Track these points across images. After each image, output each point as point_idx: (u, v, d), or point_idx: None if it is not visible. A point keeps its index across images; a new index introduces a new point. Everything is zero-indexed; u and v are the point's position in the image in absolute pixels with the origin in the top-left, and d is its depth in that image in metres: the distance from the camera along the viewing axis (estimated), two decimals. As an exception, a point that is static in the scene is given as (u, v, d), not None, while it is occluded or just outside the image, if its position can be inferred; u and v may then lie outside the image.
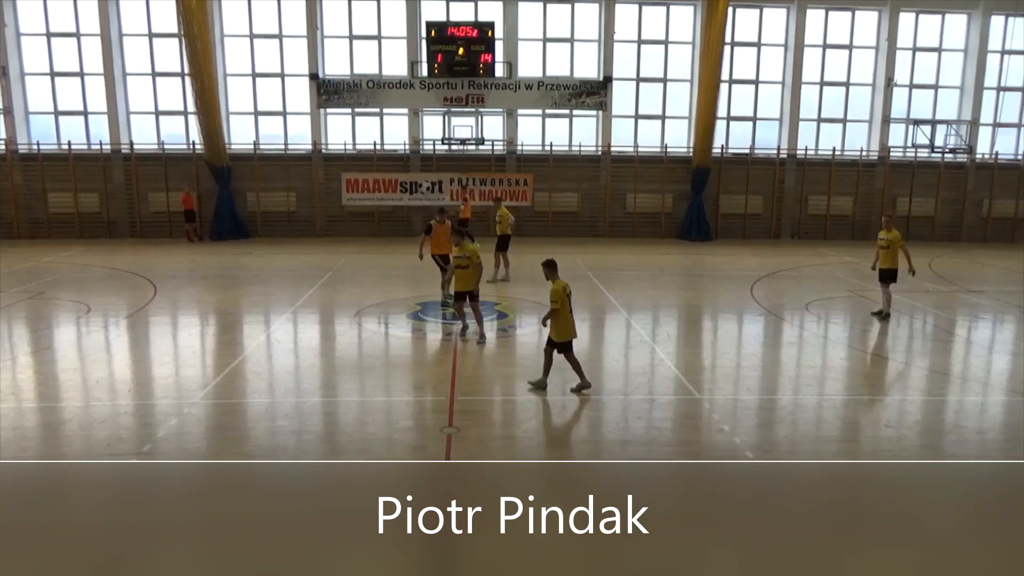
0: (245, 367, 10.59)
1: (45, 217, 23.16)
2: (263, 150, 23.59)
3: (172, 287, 15.92)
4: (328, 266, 18.29)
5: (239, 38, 23.36)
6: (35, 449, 7.83)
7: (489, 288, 15.55)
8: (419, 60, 23.11)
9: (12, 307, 14.17)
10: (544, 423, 8.54)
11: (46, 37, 22.95)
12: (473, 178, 23.36)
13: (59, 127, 23.51)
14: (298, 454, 7.60)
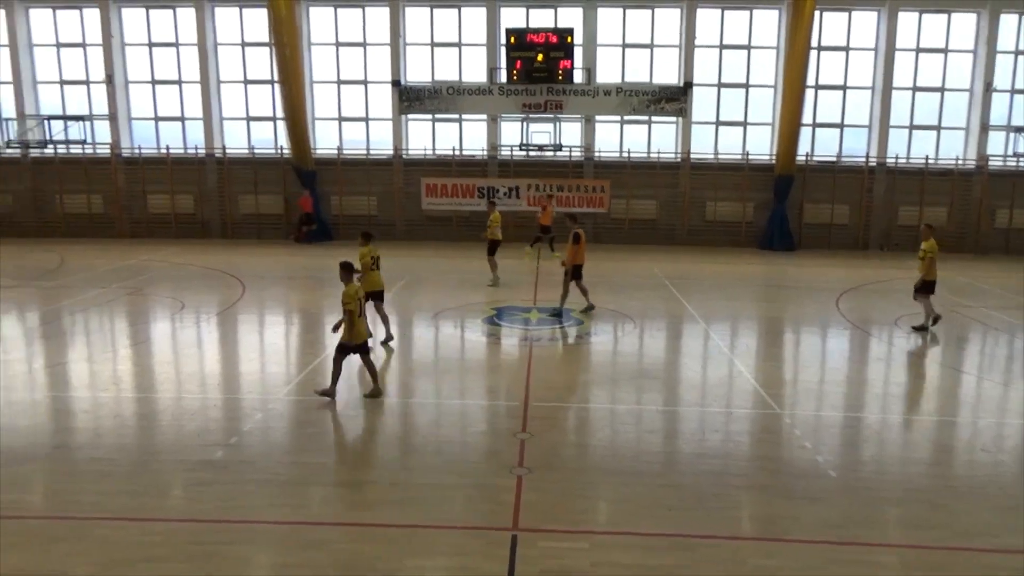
0: (326, 366, 10.89)
1: (144, 217, 24.42)
2: (347, 155, 24.24)
3: (259, 287, 16.53)
4: (407, 269, 18.63)
5: (325, 46, 24.09)
6: (131, 437, 8.27)
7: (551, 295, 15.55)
8: (498, 66, 23.33)
9: (113, 302, 15.01)
10: (618, 432, 8.49)
11: (148, 47, 24.23)
12: (550, 184, 23.42)
13: (159, 132, 24.75)
14: (372, 453, 7.79)
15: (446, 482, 6.96)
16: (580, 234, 13.81)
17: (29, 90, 24.28)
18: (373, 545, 5.84)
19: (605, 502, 6.78)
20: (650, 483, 7.00)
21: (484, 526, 6.15)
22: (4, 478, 7.09)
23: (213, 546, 5.82)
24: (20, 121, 24.01)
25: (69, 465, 7.46)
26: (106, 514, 6.30)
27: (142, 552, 5.72)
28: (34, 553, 5.72)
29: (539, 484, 6.91)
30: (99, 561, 5.63)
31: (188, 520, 6.21)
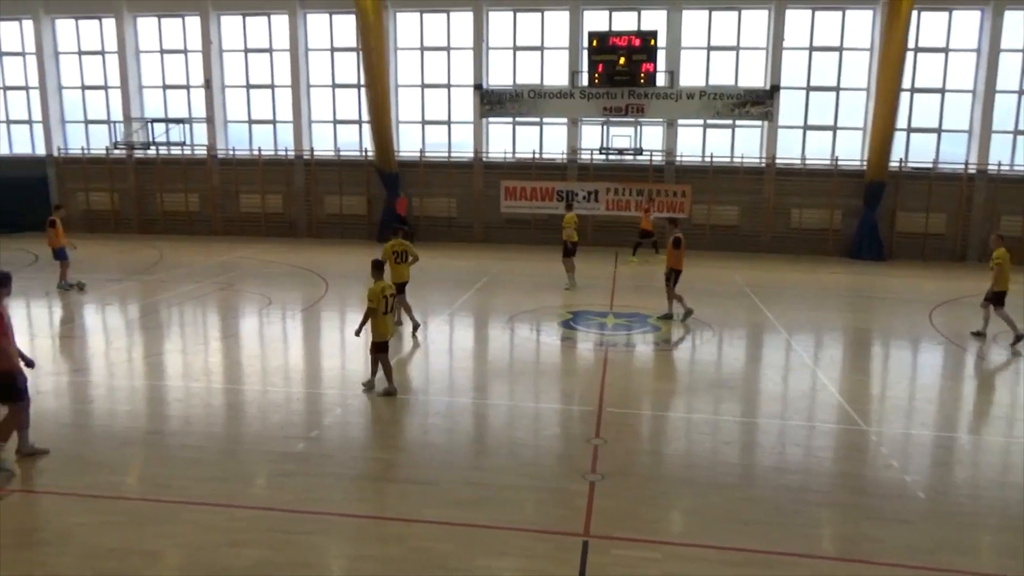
0: (404, 364, 11.14)
1: (236, 215, 25.50)
2: (428, 157, 24.69)
3: (342, 285, 17.00)
4: (484, 271, 18.83)
5: (410, 51, 24.60)
6: (220, 427, 8.65)
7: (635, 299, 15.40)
8: (580, 70, 23.29)
9: (206, 297, 15.73)
10: (694, 442, 8.34)
11: (244, 53, 25.30)
12: (630, 188, 23.21)
13: (251, 134, 25.81)
14: (448, 451, 7.89)
15: (518, 484, 6.99)
16: (680, 238, 13.58)
17: (135, 94, 25.72)
18: (445, 543, 5.92)
19: (679, 512, 6.68)
20: (726, 495, 6.85)
21: (555, 530, 6.15)
22: (105, 460, 7.53)
23: (293, 535, 6.02)
24: (126, 124, 25.47)
25: (162, 450, 7.86)
26: (195, 499, 6.60)
27: (227, 537, 5.97)
28: (130, 533, 6.05)
29: (612, 491, 6.86)
30: (189, 544, 5.91)
31: (270, 508, 6.45)
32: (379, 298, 9.29)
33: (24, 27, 25.94)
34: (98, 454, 7.72)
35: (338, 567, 5.83)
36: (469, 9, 23.58)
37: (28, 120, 26.76)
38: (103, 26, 25.64)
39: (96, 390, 9.92)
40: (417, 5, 24.06)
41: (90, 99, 26.44)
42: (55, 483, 6.90)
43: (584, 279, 17.22)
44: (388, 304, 9.51)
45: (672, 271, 13.58)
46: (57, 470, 7.25)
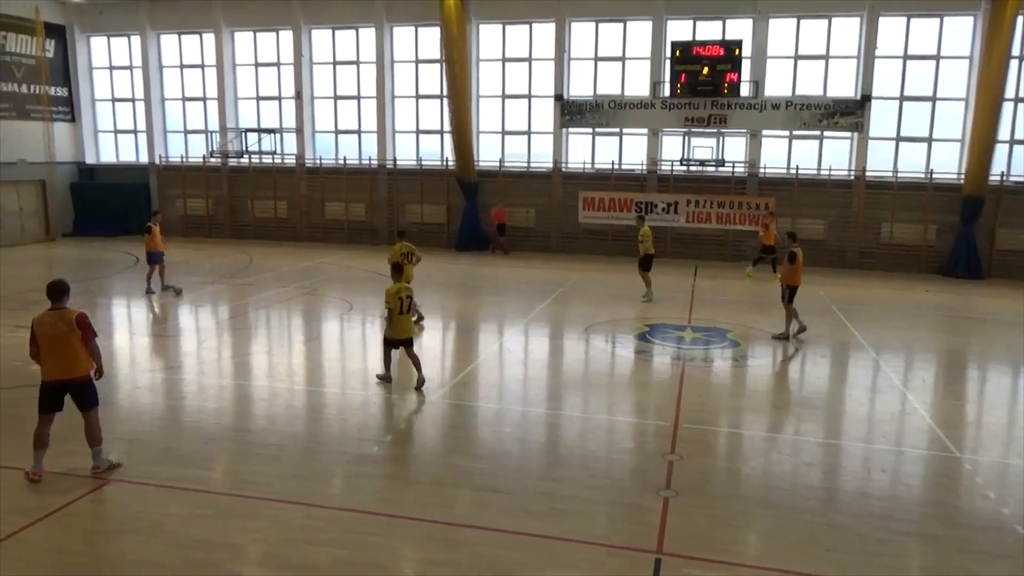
0: (479, 372, 11.25)
1: (321, 223, 26.32)
2: (508, 167, 24.89)
3: (419, 292, 17.23)
4: (561, 281, 18.81)
5: (492, 62, 24.90)
6: (301, 427, 8.93)
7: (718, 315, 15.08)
8: (662, 80, 23.06)
9: (291, 300, 16.29)
10: (773, 462, 8.09)
11: (332, 65, 26.15)
12: (711, 200, 22.78)
13: (338, 144, 26.63)
14: (521, 461, 7.91)
15: (591, 497, 6.94)
16: (797, 253, 13.13)
17: (230, 105, 26.93)
18: (514, 552, 5.94)
19: (756, 534, 6.49)
20: (807, 519, 6.62)
21: (627, 546, 6.07)
22: (194, 454, 7.89)
23: (366, 536, 6.16)
24: (222, 133, 26.69)
25: (246, 447, 8.18)
26: (276, 496, 6.83)
27: (305, 534, 6.16)
28: (216, 525, 6.31)
29: (686, 508, 6.73)
30: (269, 539, 6.12)
31: (346, 509, 6.61)
32: (395, 299, 9.89)
33: (132, 43, 27.58)
34: (188, 448, 8.10)
35: (410, 570, 5.93)
36: (551, 20, 23.70)
37: (134, 130, 28.38)
38: (203, 41, 26.99)
39: (188, 387, 10.41)
40: (500, 17, 24.34)
41: (189, 110, 27.85)
42: (150, 474, 7.26)
43: (662, 292, 17.00)
44: (404, 305, 9.99)
45: (788, 287, 13.11)
46: (151, 462, 7.64)
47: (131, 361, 11.75)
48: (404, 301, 9.98)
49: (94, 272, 19.76)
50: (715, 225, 22.80)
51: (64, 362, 7.06)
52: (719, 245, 23.35)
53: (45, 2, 26.17)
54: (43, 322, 7.10)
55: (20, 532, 6.15)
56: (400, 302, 9.93)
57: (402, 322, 10.01)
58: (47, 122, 26.66)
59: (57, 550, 5.92)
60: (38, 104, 26.33)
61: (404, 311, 10.00)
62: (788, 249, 13.36)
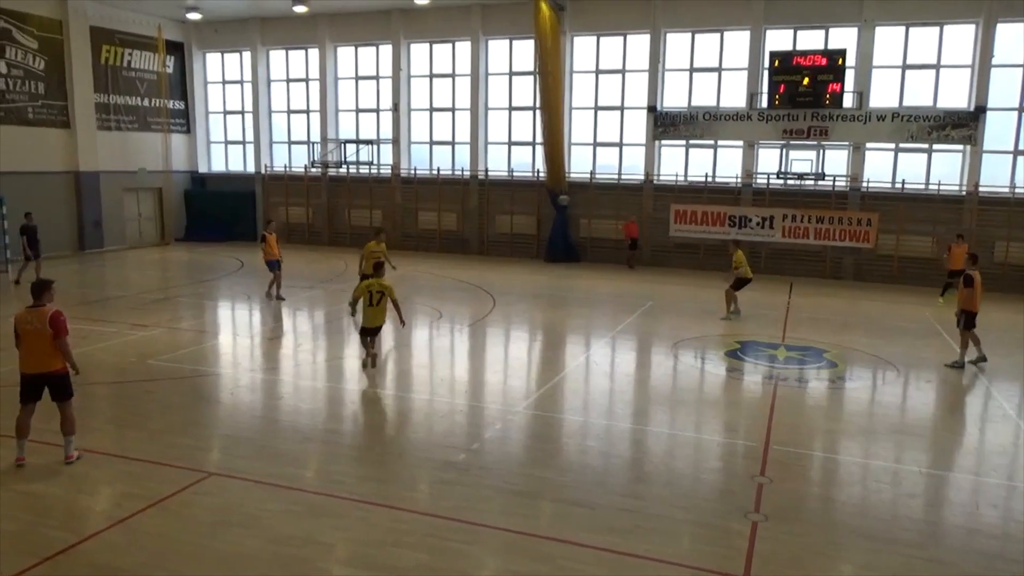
0: (565, 384, 11.24)
1: (415, 231, 26.97)
2: (599, 179, 24.82)
3: (508, 302, 17.45)
4: (650, 295, 18.58)
5: (586, 74, 24.92)
6: (388, 431, 9.16)
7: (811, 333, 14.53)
8: (759, 91, 22.49)
9: (383, 307, 16.71)
10: (871, 491, 7.71)
11: (429, 78, 26.81)
12: (809, 215, 22.01)
13: (432, 155, 27.25)
14: (605, 475, 7.85)
15: (675, 516, 6.82)
16: (974, 276, 12.40)
17: (332, 117, 28.01)
18: (597, 568, 5.90)
19: (852, 566, 6.21)
20: (907, 554, 6.28)
21: (713, 569, 5.92)
22: (289, 452, 8.22)
23: (450, 543, 6.25)
24: (323, 144, 27.78)
25: (337, 448, 8.46)
26: (364, 497, 7.03)
27: (391, 537, 6.31)
28: (305, 523, 6.55)
29: (776, 534, 6.51)
30: (356, 539, 6.31)
31: (431, 515, 6.73)
32: (365, 292, 11.13)
33: (244, 58, 29.12)
34: (283, 446, 8.44)
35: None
36: (647, 31, 23.53)
37: (242, 140, 29.92)
38: (308, 56, 28.21)
39: (284, 388, 10.86)
40: (594, 29, 24.36)
41: (294, 122, 29.13)
42: (248, 470, 7.61)
43: (755, 309, 16.54)
44: (373, 298, 11.18)
45: (963, 312, 12.39)
46: (249, 458, 8.01)
47: (233, 361, 12.35)
48: (374, 295, 11.18)
49: (203, 276, 20.91)
50: (813, 240, 22.01)
51: (38, 357, 7.43)
52: (817, 262, 22.54)
53: (167, 21, 27.98)
54: (22, 319, 7.48)
55: (132, 517, 6.57)
56: (369, 296, 11.08)
57: (371, 313, 11.24)
58: (165, 133, 28.46)
59: (163, 536, 6.29)
60: (158, 116, 28.15)
61: (373, 304, 11.18)
62: (965, 272, 12.62)
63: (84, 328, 13.80)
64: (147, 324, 14.04)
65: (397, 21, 26.22)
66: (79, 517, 6.68)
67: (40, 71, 23.68)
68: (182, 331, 13.62)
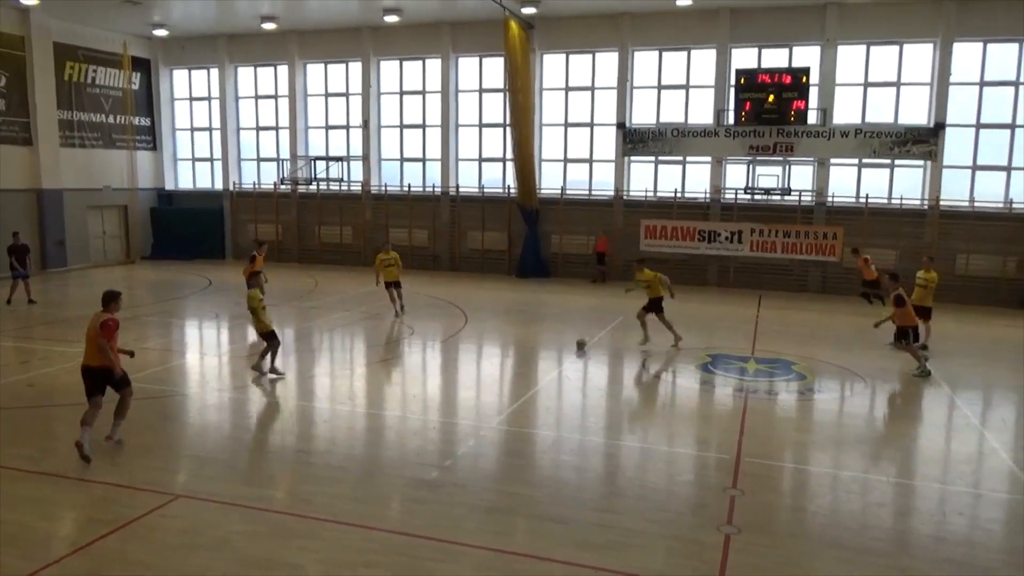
0: (537, 399, 11.22)
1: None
2: (569, 195, 24.96)
3: (480, 318, 17.42)
4: (620, 310, 18.65)
5: (555, 91, 25.12)
6: (360, 449, 9.06)
7: (783, 346, 14.71)
8: (726, 108, 22.86)
9: (355, 324, 16.60)
10: (841, 501, 7.80)
11: (399, 95, 26.81)
12: (776, 230, 22.34)
13: (403, 171, 27.21)
14: (578, 490, 7.84)
15: (649, 530, 6.82)
16: (902, 295, 12.84)
17: (301, 134, 27.86)
18: (572, 584, 5.87)
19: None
20: (877, 563, 6.35)
21: (686, 582, 5.93)
22: (256, 474, 8.08)
23: (423, 561, 6.18)
24: (292, 161, 27.59)
25: (308, 468, 8.34)
26: (335, 517, 6.93)
27: (363, 557, 6.22)
28: (275, 544, 6.44)
29: (749, 546, 6.54)
30: (327, 559, 6.20)
31: (403, 533, 6.65)
32: (258, 300, 11.73)
33: (211, 75, 28.87)
34: (252, 467, 8.31)
35: (466, 597, 5.91)
36: (615, 49, 23.82)
37: (210, 157, 29.60)
38: (277, 73, 28.06)
39: (253, 406, 10.70)
40: (564, 47, 24.58)
41: (262, 139, 28.91)
42: (215, 492, 7.46)
43: (725, 322, 16.69)
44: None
45: (906, 328, 12.80)
46: (217, 478, 7.86)
47: (201, 380, 12.14)
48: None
49: (170, 294, 20.57)
50: (780, 255, 22.33)
51: (90, 353, 8.44)
52: (784, 275, 22.85)
53: (132, 37, 27.66)
54: (90, 322, 8.58)
55: (94, 543, 6.40)
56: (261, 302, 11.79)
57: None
58: (131, 150, 28.05)
59: (128, 562, 6.13)
60: (123, 134, 27.75)
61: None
62: (894, 292, 12.93)
63: (46, 349, 13.49)
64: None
65: (367, 38, 26.23)
66: (40, 544, 6.48)
67: (1, 87, 23.25)
68: (149, 350, 13.36)
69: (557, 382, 12.28)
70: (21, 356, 12.55)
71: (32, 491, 7.46)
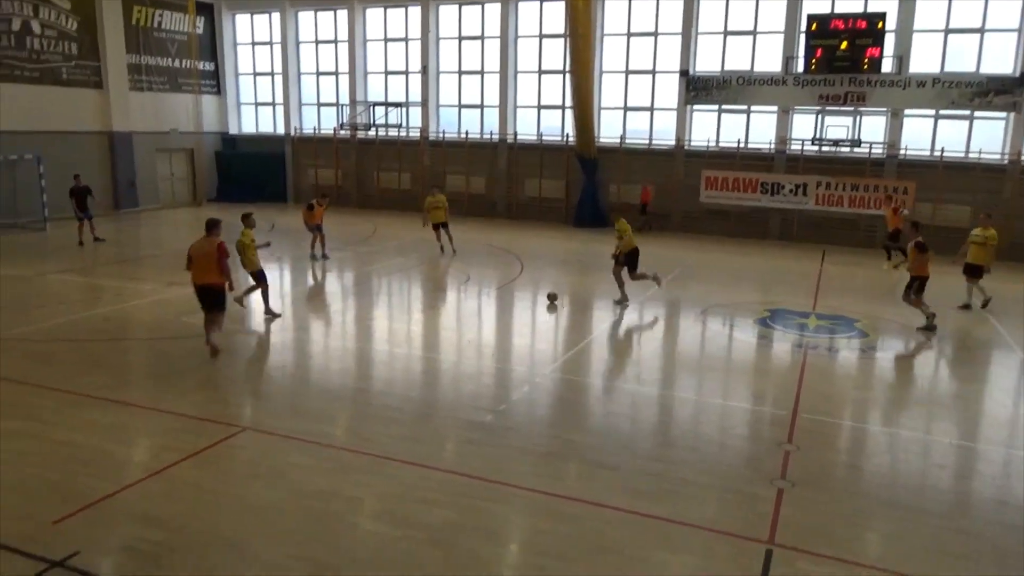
0: (591, 349, 11.25)
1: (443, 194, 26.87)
2: (629, 144, 24.52)
3: (536, 266, 17.43)
4: (679, 261, 18.43)
5: (617, 37, 24.47)
6: (416, 391, 9.26)
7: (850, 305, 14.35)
8: (795, 55, 21.94)
9: (412, 269, 16.81)
10: (899, 460, 7.67)
11: (458, 40, 26.51)
12: (843, 183, 21.58)
13: (461, 118, 27.07)
14: (630, 439, 7.89)
15: (701, 481, 6.84)
16: (924, 243, 12.48)
17: (360, 80, 27.90)
18: (622, 529, 5.95)
19: (877, 534, 6.20)
20: (935, 524, 6.25)
21: (737, 534, 5.95)
22: (317, 411, 8.35)
23: (477, 501, 6.34)
24: (352, 107, 27.72)
25: (366, 407, 8.58)
26: (392, 455, 7.14)
27: (418, 494, 6.41)
28: (334, 478, 6.68)
29: (802, 501, 6.51)
30: (384, 494, 6.42)
31: (458, 473, 6.82)
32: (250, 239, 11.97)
33: (272, 19, 29.01)
34: (314, 404, 8.59)
35: (517, 538, 6.06)
36: (681, -7, 23.01)
37: (272, 102, 29.95)
38: (337, 17, 28.02)
39: (315, 347, 11.01)
40: (627, -9, 23.86)
41: (323, 84, 29.07)
42: (278, 426, 7.76)
43: (786, 277, 16.34)
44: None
45: (917, 279, 12.45)
46: (280, 413, 8.17)
47: (264, 320, 12.52)
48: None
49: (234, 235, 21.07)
50: (847, 209, 21.62)
51: (204, 273, 9.77)
52: (851, 230, 22.14)
53: (197, -19, 27.93)
54: (196, 245, 9.91)
55: (168, 469, 6.75)
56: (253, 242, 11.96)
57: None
58: (196, 94, 28.57)
59: (198, 487, 6.46)
60: (188, 78, 28.24)
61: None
62: (914, 239, 12.55)
63: (119, 285, 14.06)
64: (180, 282, 14.25)
65: (427, -19, 25.90)
66: (118, 467, 6.88)
67: (73, 32, 23.83)
68: (214, 290, 13.79)
69: (611, 332, 12.26)
70: (95, 292, 13.10)
71: (110, 418, 7.89)
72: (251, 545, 5.58)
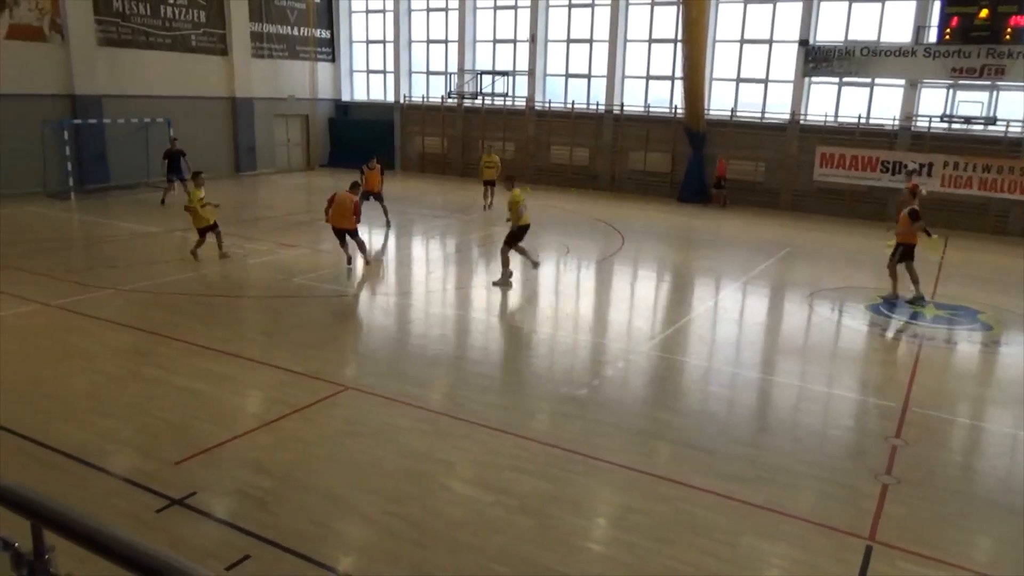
0: (690, 328, 11.05)
1: (546, 166, 26.85)
2: (740, 117, 23.64)
3: (637, 240, 17.19)
4: (788, 241, 17.74)
5: (733, 4, 23.49)
6: (512, 361, 9.38)
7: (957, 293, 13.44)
8: (927, 24, 20.43)
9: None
10: (1018, 463, 7.15)
11: (567, 8, 26.16)
12: (974, 163, 20.07)
13: (567, 88, 26.82)
14: (727, 423, 7.73)
15: (800, 471, 6.64)
16: (917, 210, 12.22)
17: (469, 48, 28.05)
18: (714, 513, 5.87)
19: (988, 539, 5.86)
20: (1055, 533, 5.85)
21: (836, 527, 5.76)
22: (416, 374, 8.61)
23: (567, 473, 6.40)
24: (459, 75, 27.94)
25: (463, 374, 8.78)
26: (486, 422, 7.29)
27: (511, 462, 6.53)
28: (430, 440, 6.90)
29: (908, 499, 6.22)
30: (477, 460, 6.58)
31: (550, 444, 6.90)
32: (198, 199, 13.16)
33: (386, -13, 29.55)
34: (413, 368, 8.86)
35: (607, 513, 6.08)
36: (805, -42, 21.80)
37: (383, 70, 30.60)
38: (449, -16, 28.24)
39: (416, 313, 11.31)
40: (747, -45, 22.82)
41: (432, 52, 29.42)
42: (379, 387, 8.06)
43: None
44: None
45: (900, 245, 12.22)
46: (381, 376, 8.47)
47: (369, 284, 12.96)
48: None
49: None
50: (976, 192, 20.15)
51: (342, 218, 12.74)
52: (980, 215, 20.64)
53: (316, -50, 28.70)
54: (342, 194, 12.82)
55: (277, 421, 7.15)
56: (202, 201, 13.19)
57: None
58: (312, 62, 29.53)
59: (303, 441, 6.81)
60: (305, 45, 29.19)
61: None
62: (909, 207, 12.25)
63: (238, 243, 14.85)
64: (293, 244, 14.95)
65: (539, -52, 25.61)
66: (231, 416, 7.34)
67: (202, 0, 25.02)
68: (323, 253, 14.39)
69: (713, 312, 11.99)
70: (215, 250, 13.86)
71: (224, 368, 8.42)
72: (349, 498, 5.86)
